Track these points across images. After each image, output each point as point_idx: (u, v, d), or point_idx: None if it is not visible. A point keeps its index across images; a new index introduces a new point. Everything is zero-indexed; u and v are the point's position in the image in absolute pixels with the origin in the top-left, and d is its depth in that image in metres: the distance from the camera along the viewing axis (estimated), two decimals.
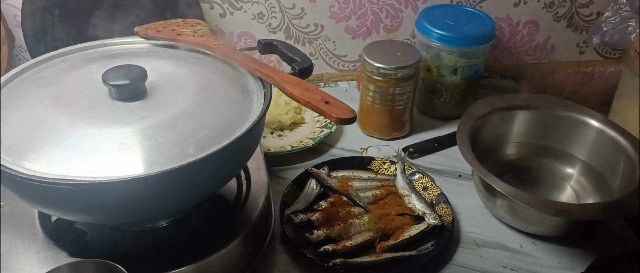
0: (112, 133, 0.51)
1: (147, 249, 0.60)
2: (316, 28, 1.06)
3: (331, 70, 1.13)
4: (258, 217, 0.65)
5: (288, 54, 0.65)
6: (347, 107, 0.54)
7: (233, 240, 0.60)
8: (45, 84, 0.59)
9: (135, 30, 0.70)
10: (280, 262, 0.70)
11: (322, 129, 0.94)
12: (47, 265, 0.56)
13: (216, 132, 0.53)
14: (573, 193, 0.81)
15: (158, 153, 0.50)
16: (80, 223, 0.61)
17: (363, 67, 0.90)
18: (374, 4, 1.05)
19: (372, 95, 0.91)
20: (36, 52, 0.90)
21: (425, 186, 0.80)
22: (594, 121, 0.81)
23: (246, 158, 0.60)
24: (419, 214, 0.75)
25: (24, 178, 0.47)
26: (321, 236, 0.71)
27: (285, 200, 0.76)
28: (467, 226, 0.77)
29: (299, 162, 0.88)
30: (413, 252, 0.70)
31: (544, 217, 0.70)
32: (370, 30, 1.08)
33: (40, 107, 0.54)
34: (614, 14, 1.01)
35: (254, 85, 0.62)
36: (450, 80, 0.95)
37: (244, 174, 0.71)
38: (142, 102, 0.55)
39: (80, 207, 0.51)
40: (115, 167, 0.49)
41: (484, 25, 0.93)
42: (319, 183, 0.80)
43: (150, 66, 0.58)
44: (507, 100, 0.86)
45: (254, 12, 1.03)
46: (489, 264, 0.71)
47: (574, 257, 0.72)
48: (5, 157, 0.49)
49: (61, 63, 0.64)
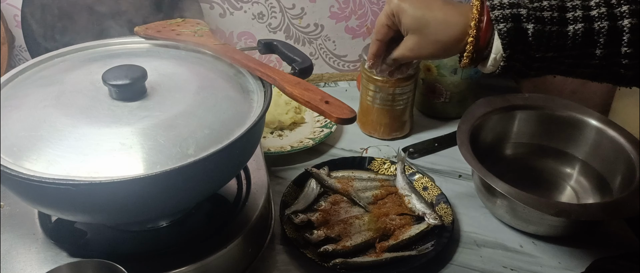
0: (112, 133, 0.51)
1: (147, 249, 0.60)
2: (316, 28, 1.06)
3: (331, 70, 1.13)
4: (258, 217, 0.65)
5: (288, 54, 0.65)
6: (347, 107, 0.54)
7: (233, 240, 0.60)
8: (45, 84, 0.59)
9: (135, 30, 0.70)
10: (280, 262, 0.70)
11: (322, 129, 0.94)
12: (47, 265, 0.56)
13: (216, 132, 0.53)
14: (573, 193, 0.81)
15: (158, 153, 0.50)
16: (80, 223, 0.61)
17: (363, 67, 0.90)
18: (374, 4, 1.05)
19: (372, 95, 0.91)
20: (36, 52, 0.90)
21: (425, 186, 0.80)
22: (594, 121, 0.81)
23: (246, 158, 0.60)
24: (419, 214, 0.75)
25: (24, 178, 0.47)
26: (321, 236, 0.71)
27: (285, 200, 0.76)
28: (467, 226, 0.77)
29: (299, 162, 0.88)
30: (413, 252, 0.70)
31: (544, 217, 0.70)
32: (370, 30, 1.08)
33: (40, 107, 0.54)
34: None
35: (254, 85, 0.62)
36: (450, 80, 0.95)
37: (244, 174, 0.71)
38: (142, 102, 0.55)
39: (80, 207, 0.51)
40: (115, 167, 0.49)
41: None
42: (319, 183, 0.80)
43: (150, 66, 0.57)
44: (507, 100, 0.86)
45: (254, 12, 1.03)
46: (489, 264, 0.71)
47: (574, 257, 0.72)
48: (5, 157, 0.49)
49: (61, 63, 0.64)
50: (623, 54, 0.48)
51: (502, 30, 0.49)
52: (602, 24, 0.48)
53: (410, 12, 0.54)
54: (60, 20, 0.90)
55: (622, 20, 0.48)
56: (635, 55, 0.48)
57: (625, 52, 0.48)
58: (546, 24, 0.49)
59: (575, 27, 0.48)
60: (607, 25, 0.48)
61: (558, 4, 0.49)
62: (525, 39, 0.49)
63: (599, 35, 0.48)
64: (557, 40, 0.49)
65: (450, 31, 0.52)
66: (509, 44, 0.49)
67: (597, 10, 0.48)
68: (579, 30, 0.48)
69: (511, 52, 0.50)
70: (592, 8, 0.48)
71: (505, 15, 0.49)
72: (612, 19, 0.48)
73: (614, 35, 0.48)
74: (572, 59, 0.49)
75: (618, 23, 0.48)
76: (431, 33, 0.53)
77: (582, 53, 0.49)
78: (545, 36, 0.49)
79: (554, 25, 0.49)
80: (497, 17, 0.49)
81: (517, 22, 0.49)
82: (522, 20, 0.49)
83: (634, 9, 0.48)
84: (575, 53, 0.49)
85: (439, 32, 0.53)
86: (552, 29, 0.48)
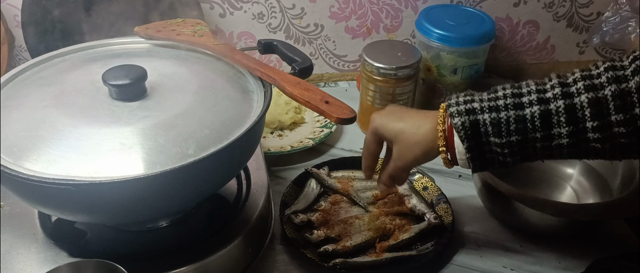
0: (112, 133, 0.51)
1: (147, 249, 0.60)
2: (316, 28, 1.06)
3: (331, 70, 1.13)
4: (258, 217, 0.65)
5: (288, 54, 0.65)
6: (347, 107, 0.54)
7: (233, 240, 0.60)
8: (45, 84, 0.59)
9: (135, 30, 0.70)
10: (280, 262, 0.70)
11: (322, 129, 0.94)
12: (47, 265, 0.56)
13: (216, 132, 0.53)
14: (573, 193, 0.81)
15: (158, 153, 0.50)
16: (80, 223, 0.61)
17: (363, 67, 0.90)
18: (374, 4, 1.05)
19: (372, 95, 0.91)
20: (36, 52, 0.90)
21: (425, 186, 0.80)
22: None
23: (246, 158, 0.60)
24: (419, 214, 0.75)
25: (24, 178, 0.47)
26: (321, 236, 0.71)
27: (285, 200, 0.76)
28: (467, 226, 0.77)
29: (299, 162, 0.88)
30: (413, 252, 0.70)
31: (544, 217, 0.70)
32: (370, 30, 1.08)
33: (40, 107, 0.54)
34: (614, 14, 1.01)
35: (254, 85, 0.62)
36: (450, 80, 0.95)
37: (244, 174, 0.71)
38: (142, 102, 0.55)
39: (80, 207, 0.51)
40: (115, 167, 0.49)
41: (484, 25, 0.93)
42: (319, 183, 0.80)
43: (150, 66, 0.58)
44: None
45: (254, 12, 1.03)
46: (489, 264, 0.71)
47: (574, 257, 0.72)
48: (5, 157, 0.49)
49: (61, 63, 0.64)
50: (590, 129, 0.50)
51: (457, 124, 0.53)
52: (557, 103, 0.50)
53: (389, 126, 0.60)
54: (60, 20, 0.90)
55: (580, 96, 0.50)
56: (603, 127, 0.49)
57: (592, 127, 0.49)
58: (501, 111, 0.52)
59: (531, 110, 0.51)
60: (563, 103, 0.50)
61: (513, 92, 0.53)
62: (484, 128, 0.53)
63: (558, 114, 0.50)
64: (517, 124, 0.51)
65: (422, 132, 0.58)
66: (466, 136, 0.53)
67: (551, 92, 0.51)
68: (536, 112, 0.51)
69: (470, 143, 0.53)
70: (547, 90, 0.51)
71: (460, 111, 0.53)
72: (568, 97, 0.50)
73: (573, 112, 0.50)
74: (542, 141, 0.52)
75: (575, 100, 0.50)
76: (407, 138, 0.59)
77: (549, 134, 0.51)
78: (503, 122, 0.52)
79: (509, 110, 0.52)
80: (452, 113, 0.54)
81: (472, 115, 0.53)
82: (477, 112, 0.53)
83: (589, 84, 0.50)
84: (542, 135, 0.51)
85: (413, 135, 0.58)
86: (508, 114, 0.52)
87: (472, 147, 0.54)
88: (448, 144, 0.56)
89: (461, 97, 0.55)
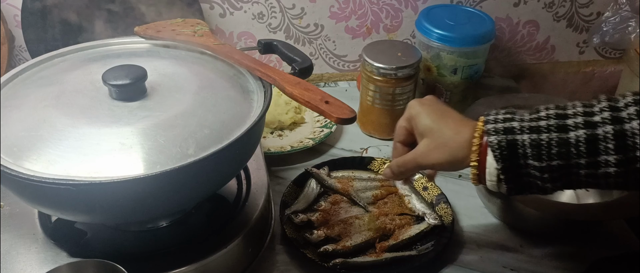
0: (112, 133, 0.51)
1: (147, 249, 0.60)
2: (316, 28, 1.06)
3: (331, 70, 1.13)
4: (258, 217, 0.65)
5: (288, 54, 0.65)
6: (347, 107, 0.54)
7: (233, 240, 0.60)
8: (45, 84, 0.59)
9: (135, 30, 0.70)
10: (280, 262, 0.70)
11: (322, 129, 0.94)
12: (47, 265, 0.56)
13: (216, 132, 0.53)
14: (573, 193, 0.81)
15: (158, 153, 0.50)
16: (80, 223, 0.61)
17: (363, 67, 0.90)
18: (374, 4, 1.05)
19: (372, 95, 0.91)
20: (36, 52, 0.90)
21: (425, 186, 0.80)
22: None
23: (246, 158, 0.60)
24: (419, 214, 0.75)
25: (24, 178, 0.47)
26: (321, 236, 0.71)
27: (285, 200, 0.76)
28: (467, 226, 0.77)
29: (299, 162, 0.88)
30: (413, 252, 0.70)
31: (544, 217, 0.70)
32: (370, 30, 1.08)
33: (40, 107, 0.54)
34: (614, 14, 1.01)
35: (254, 85, 0.62)
36: (450, 80, 0.95)
37: (244, 174, 0.71)
38: (142, 102, 0.55)
39: (80, 207, 0.51)
40: (115, 167, 0.49)
41: (484, 25, 0.93)
42: (319, 183, 0.80)
43: (150, 66, 0.58)
44: (507, 100, 0.86)
45: (254, 12, 1.03)
46: (489, 264, 0.71)
47: (574, 257, 0.72)
48: (5, 157, 0.49)
49: (61, 63, 0.64)
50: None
51: (493, 142, 0.50)
52: (606, 128, 0.46)
53: (426, 118, 0.57)
54: (60, 20, 0.90)
55: (631, 122, 0.46)
56: None
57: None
58: (542, 132, 0.48)
59: (576, 133, 0.47)
60: (612, 129, 0.46)
61: (557, 112, 0.49)
62: (522, 149, 0.49)
63: (606, 140, 0.46)
64: (559, 148, 0.48)
65: (459, 139, 0.54)
66: (501, 156, 0.50)
67: (600, 116, 0.47)
68: (581, 136, 0.47)
69: (505, 164, 0.50)
70: (595, 113, 0.48)
71: (497, 129, 0.50)
72: (618, 122, 0.46)
73: (623, 139, 0.46)
74: (587, 168, 0.48)
75: (626, 126, 0.46)
76: (441, 137, 0.56)
77: (594, 162, 0.47)
78: (544, 144, 0.48)
79: (552, 132, 0.48)
80: (489, 131, 0.51)
81: (510, 134, 0.50)
82: (516, 132, 0.49)
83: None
84: (587, 161, 0.47)
85: (447, 137, 0.55)
86: (550, 136, 0.48)
87: (508, 168, 0.50)
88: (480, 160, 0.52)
89: (500, 114, 0.52)
